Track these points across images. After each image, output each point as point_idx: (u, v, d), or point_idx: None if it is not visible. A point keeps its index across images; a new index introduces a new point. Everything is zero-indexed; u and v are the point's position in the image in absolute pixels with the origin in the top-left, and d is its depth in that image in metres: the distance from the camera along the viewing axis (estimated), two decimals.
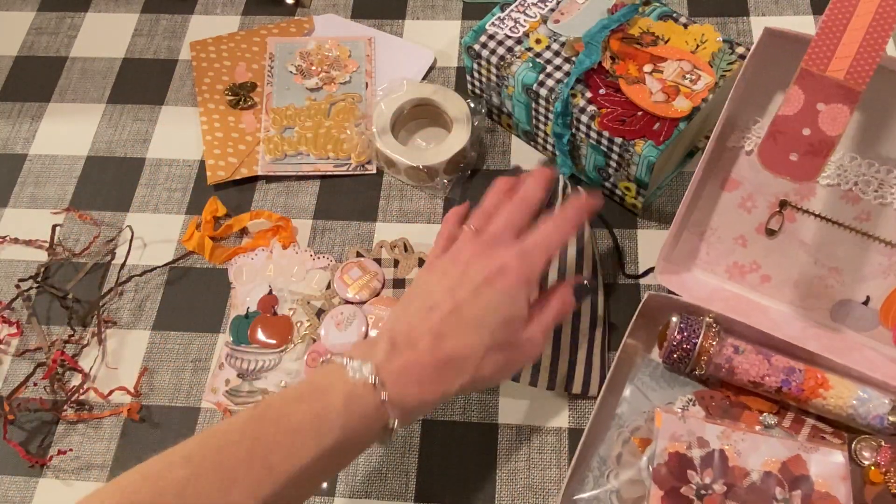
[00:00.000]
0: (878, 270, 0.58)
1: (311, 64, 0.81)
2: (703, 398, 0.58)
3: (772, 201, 0.59)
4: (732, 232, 0.62)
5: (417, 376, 0.49)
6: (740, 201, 0.61)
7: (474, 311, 0.51)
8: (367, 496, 0.59)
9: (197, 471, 0.43)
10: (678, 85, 0.65)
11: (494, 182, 0.59)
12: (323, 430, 0.46)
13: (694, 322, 0.58)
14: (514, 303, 0.52)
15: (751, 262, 0.62)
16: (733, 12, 0.82)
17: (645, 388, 0.59)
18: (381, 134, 0.72)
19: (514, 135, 0.76)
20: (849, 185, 0.57)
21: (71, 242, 0.73)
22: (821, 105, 0.49)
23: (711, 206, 0.62)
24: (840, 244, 0.58)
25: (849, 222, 0.58)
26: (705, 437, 0.54)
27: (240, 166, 0.75)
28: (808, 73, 0.48)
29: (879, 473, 0.53)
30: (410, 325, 0.51)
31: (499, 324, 0.51)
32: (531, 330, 0.53)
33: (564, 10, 0.71)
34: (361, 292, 0.66)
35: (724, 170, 0.60)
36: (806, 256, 0.60)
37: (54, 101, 0.82)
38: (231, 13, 0.87)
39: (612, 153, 0.65)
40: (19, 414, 0.63)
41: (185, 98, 0.81)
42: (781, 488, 0.52)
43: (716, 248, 0.62)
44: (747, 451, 0.54)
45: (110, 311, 0.69)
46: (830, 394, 0.55)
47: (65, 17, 0.89)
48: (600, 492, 0.55)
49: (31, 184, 0.77)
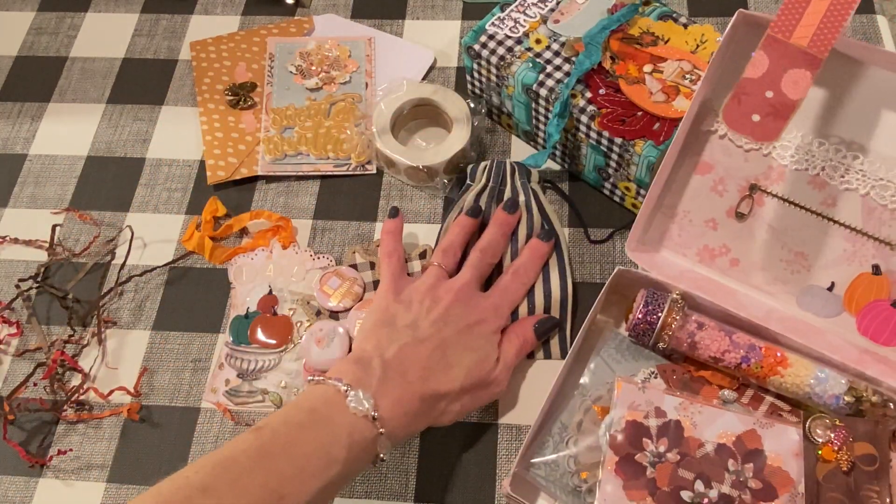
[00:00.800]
0: (843, 257, 0.59)
1: (311, 64, 0.81)
2: (664, 371, 0.60)
3: (742, 185, 0.60)
4: (704, 215, 0.62)
5: (407, 409, 0.52)
6: (712, 185, 0.61)
7: (457, 351, 0.56)
8: (367, 496, 0.59)
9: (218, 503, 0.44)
10: (678, 85, 0.65)
11: (456, 221, 0.65)
12: (330, 462, 0.48)
13: (660, 297, 0.59)
14: (487, 350, 0.58)
15: (720, 246, 0.62)
16: (733, 12, 0.81)
17: (610, 361, 0.61)
18: (381, 134, 0.72)
19: (514, 135, 0.76)
20: (816, 170, 0.58)
21: (71, 242, 0.73)
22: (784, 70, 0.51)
23: (684, 189, 0.62)
24: (806, 229, 0.59)
25: (815, 207, 0.58)
26: (663, 407, 0.56)
27: (240, 166, 0.75)
28: (774, 39, 0.51)
29: (832, 452, 0.54)
30: (402, 352, 0.54)
31: (475, 365, 0.56)
32: (497, 372, 0.58)
33: (564, 10, 0.71)
34: (345, 300, 0.66)
35: (698, 153, 0.61)
36: (773, 240, 0.60)
37: (54, 101, 0.82)
38: (231, 13, 0.87)
39: (612, 153, 0.65)
40: (19, 414, 0.63)
41: (185, 98, 0.81)
42: (734, 460, 0.53)
43: (687, 231, 0.63)
44: (703, 423, 0.55)
45: (110, 311, 0.69)
46: (789, 372, 0.56)
47: (65, 17, 0.89)
48: (558, 456, 0.57)
49: (31, 184, 0.77)
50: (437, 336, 0.56)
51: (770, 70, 0.51)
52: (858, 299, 0.59)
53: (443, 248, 0.63)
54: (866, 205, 0.57)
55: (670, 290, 0.60)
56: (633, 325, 0.59)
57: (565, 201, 0.71)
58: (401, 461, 0.60)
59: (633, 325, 0.59)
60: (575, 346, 0.59)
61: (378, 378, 0.52)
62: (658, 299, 0.59)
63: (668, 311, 0.58)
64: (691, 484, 0.53)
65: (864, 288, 0.59)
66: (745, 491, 0.52)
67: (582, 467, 0.56)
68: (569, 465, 0.56)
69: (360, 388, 0.51)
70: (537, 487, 0.57)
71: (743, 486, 0.53)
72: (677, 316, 0.58)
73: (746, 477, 0.53)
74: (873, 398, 0.55)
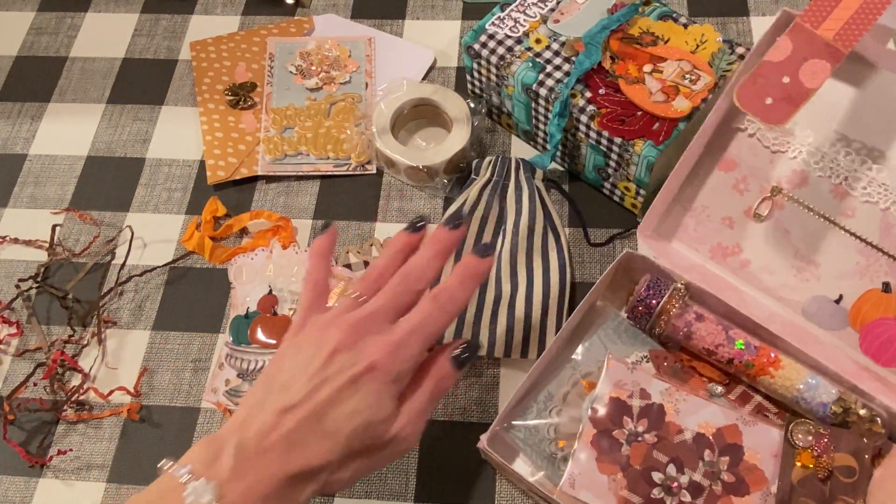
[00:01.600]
0: (855, 270, 0.58)
1: (311, 64, 0.81)
2: (656, 357, 0.60)
3: (764, 186, 0.60)
4: (722, 212, 0.62)
5: (268, 492, 0.44)
6: (734, 182, 0.61)
7: (333, 417, 0.45)
8: (366, 496, 0.59)
9: None
10: (678, 85, 0.65)
11: (390, 240, 0.54)
12: None
13: (663, 283, 0.60)
14: (380, 406, 0.46)
15: (734, 245, 0.62)
16: (733, 12, 0.82)
17: (606, 341, 0.61)
18: (381, 134, 0.72)
19: (514, 135, 0.76)
20: (839, 179, 0.58)
21: (71, 242, 0.73)
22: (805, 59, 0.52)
23: (705, 184, 0.62)
24: (822, 238, 0.59)
25: (834, 217, 0.58)
26: (649, 390, 0.56)
27: (240, 166, 0.75)
28: (801, 27, 0.52)
29: (811, 458, 0.53)
30: (263, 425, 0.45)
31: (360, 431, 0.46)
32: (399, 426, 0.47)
33: (564, 9, 0.71)
34: (339, 300, 0.66)
35: (723, 149, 0.61)
36: (788, 245, 0.60)
37: (54, 101, 0.82)
38: (231, 13, 0.87)
39: (612, 153, 0.65)
40: (19, 414, 0.63)
41: (185, 98, 0.81)
42: (711, 451, 0.54)
43: (704, 226, 0.62)
44: (687, 411, 0.56)
45: (110, 311, 0.69)
46: (780, 374, 0.56)
47: (65, 17, 0.89)
48: (540, 423, 0.58)
49: (31, 184, 0.77)
50: (309, 401, 0.45)
51: (792, 56, 0.52)
52: (864, 315, 0.57)
53: (367, 273, 0.51)
54: (885, 220, 0.57)
55: (675, 280, 0.60)
56: (633, 306, 0.60)
57: (566, 200, 0.71)
58: (401, 461, 0.60)
59: (632, 306, 0.60)
60: (571, 321, 0.60)
61: (231, 460, 0.44)
62: (661, 285, 0.59)
63: (669, 297, 0.59)
64: (664, 466, 0.54)
65: (871, 304, 0.57)
66: (717, 482, 0.53)
67: (561, 436, 0.57)
68: (548, 433, 0.57)
69: (207, 475, 0.43)
70: (515, 449, 0.57)
71: (715, 478, 0.53)
72: (677, 304, 0.58)
73: (720, 469, 0.54)
74: (861, 411, 0.54)
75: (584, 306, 0.61)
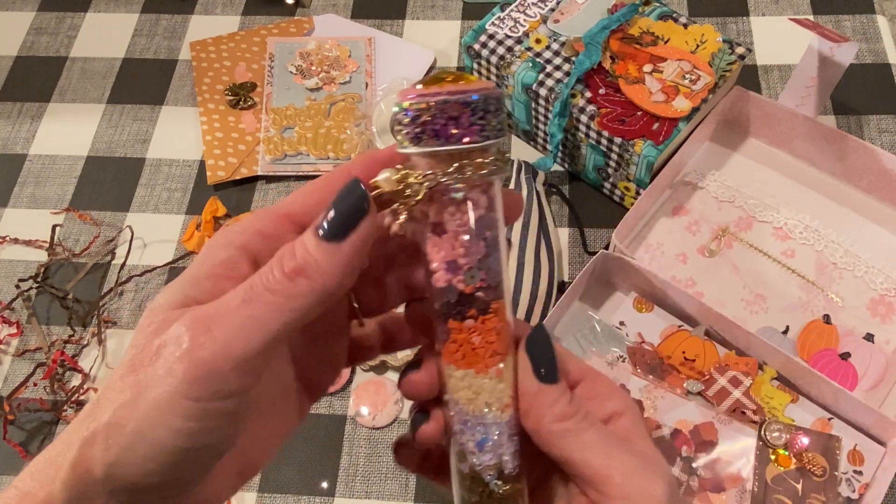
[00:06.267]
0: (798, 304, 0.64)
1: (311, 64, 0.81)
2: (634, 354, 0.61)
3: (714, 228, 0.68)
4: (676, 249, 0.67)
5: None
6: (687, 225, 0.68)
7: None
8: (366, 496, 0.59)
9: None
10: (678, 85, 0.65)
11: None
12: None
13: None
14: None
15: (688, 279, 0.66)
16: (733, 12, 0.82)
17: (583, 341, 0.62)
18: (381, 134, 0.72)
19: (514, 135, 0.76)
20: (780, 223, 0.67)
21: (71, 242, 0.73)
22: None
23: (660, 227, 0.68)
24: (766, 273, 0.65)
25: (776, 256, 0.66)
26: (628, 386, 0.57)
27: (239, 166, 0.75)
28: None
29: (787, 458, 0.55)
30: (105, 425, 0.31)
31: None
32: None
33: (564, 9, 0.71)
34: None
35: (678, 200, 0.69)
36: (737, 280, 0.65)
37: (54, 101, 0.82)
38: (231, 13, 0.87)
39: (612, 153, 0.65)
40: (19, 414, 0.63)
41: (185, 98, 0.81)
42: (688, 447, 0.55)
43: (658, 261, 0.67)
44: (665, 408, 0.57)
45: (110, 311, 0.69)
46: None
47: (65, 17, 0.89)
48: None
49: (31, 184, 0.77)
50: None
51: None
52: (810, 346, 0.62)
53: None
54: (819, 260, 0.65)
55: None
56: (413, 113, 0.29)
57: (566, 204, 0.71)
58: None
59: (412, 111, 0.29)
60: (548, 321, 0.60)
61: (63, 472, 0.34)
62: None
63: (438, 160, 0.29)
64: None
65: (815, 335, 0.62)
66: (694, 478, 0.54)
67: None
68: None
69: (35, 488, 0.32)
70: None
71: (692, 473, 0.54)
72: (442, 172, 0.29)
73: (697, 465, 0.55)
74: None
75: (562, 307, 0.61)
